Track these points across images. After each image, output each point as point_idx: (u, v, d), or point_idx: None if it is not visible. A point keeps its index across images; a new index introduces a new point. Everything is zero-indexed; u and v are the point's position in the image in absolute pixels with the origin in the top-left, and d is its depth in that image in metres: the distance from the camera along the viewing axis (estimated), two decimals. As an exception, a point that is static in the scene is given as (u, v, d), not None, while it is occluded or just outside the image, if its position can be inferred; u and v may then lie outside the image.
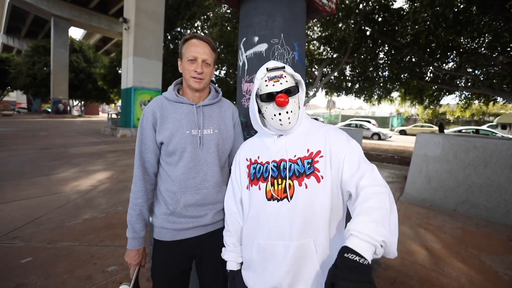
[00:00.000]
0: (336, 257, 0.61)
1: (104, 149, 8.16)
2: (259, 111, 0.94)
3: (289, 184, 0.82)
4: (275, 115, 0.86)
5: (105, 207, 3.38)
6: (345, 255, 0.59)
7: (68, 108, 28.99)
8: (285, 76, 0.87)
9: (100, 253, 2.28)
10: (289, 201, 0.81)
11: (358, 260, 0.57)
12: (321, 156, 0.83)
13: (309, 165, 0.82)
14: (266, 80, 0.88)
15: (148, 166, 1.02)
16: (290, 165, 0.84)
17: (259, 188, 0.87)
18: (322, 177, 0.80)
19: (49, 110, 30.72)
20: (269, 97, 0.86)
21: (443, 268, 2.22)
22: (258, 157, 0.92)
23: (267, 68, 0.89)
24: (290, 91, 0.86)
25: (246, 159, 0.96)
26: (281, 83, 0.86)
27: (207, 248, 1.08)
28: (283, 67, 0.88)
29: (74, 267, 2.06)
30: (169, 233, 1.03)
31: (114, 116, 16.93)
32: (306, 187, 0.80)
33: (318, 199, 0.80)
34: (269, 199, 0.84)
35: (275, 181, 0.84)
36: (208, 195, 1.04)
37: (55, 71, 25.63)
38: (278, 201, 0.82)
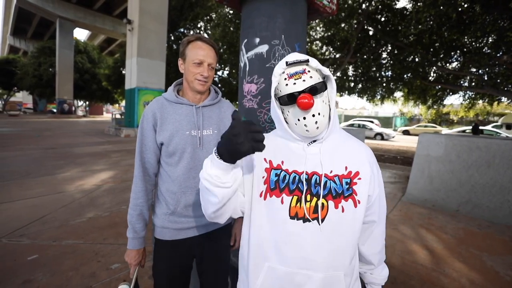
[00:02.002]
0: None
1: (108, 149, 8.24)
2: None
3: (322, 203, 0.70)
4: (299, 119, 0.70)
5: (109, 206, 3.43)
6: None
7: (73, 108, 29.28)
8: (308, 71, 0.70)
9: (104, 251, 2.32)
10: (319, 224, 0.69)
11: None
12: (359, 178, 0.73)
13: (348, 186, 0.71)
14: (285, 78, 0.71)
15: (148, 167, 1.04)
16: (326, 181, 0.71)
17: (282, 202, 0.71)
18: (359, 202, 0.71)
19: (55, 110, 31.08)
20: (291, 99, 0.70)
21: (444, 268, 2.22)
22: (282, 162, 0.75)
23: (286, 62, 0.71)
24: (316, 89, 0.69)
25: (265, 160, 0.77)
26: (304, 80, 0.69)
27: (208, 247, 1.10)
28: (307, 60, 0.71)
29: (79, 265, 2.10)
30: (170, 232, 1.05)
31: (118, 116, 17.02)
32: (343, 211, 0.70)
33: (353, 226, 0.71)
34: (292, 217, 0.70)
35: (303, 196, 0.70)
36: None
37: (60, 72, 25.93)
38: (304, 222, 0.69)
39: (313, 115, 0.69)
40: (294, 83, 0.70)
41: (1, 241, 2.44)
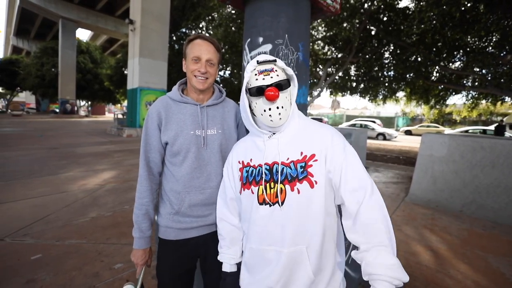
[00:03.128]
0: None
1: (111, 149, 8.26)
2: (250, 108, 0.89)
3: (281, 188, 0.79)
4: (265, 110, 0.81)
5: (112, 206, 3.44)
6: None
7: (75, 109, 29.43)
8: (276, 70, 0.83)
9: (107, 251, 2.32)
10: (280, 206, 0.79)
11: None
12: (315, 160, 0.79)
13: (302, 169, 0.79)
14: (256, 74, 0.83)
15: (153, 166, 1.04)
16: (283, 168, 0.80)
17: (252, 192, 0.84)
18: (316, 182, 0.77)
19: (57, 110, 31.27)
20: (259, 91, 0.81)
21: (448, 270, 2.20)
22: (251, 160, 0.88)
23: (257, 61, 0.83)
24: (281, 85, 0.81)
25: (239, 162, 0.92)
26: (271, 77, 0.81)
27: (212, 247, 1.09)
28: (274, 60, 0.84)
29: (82, 264, 2.11)
30: (174, 232, 1.04)
31: (120, 116, 17.10)
32: (299, 192, 0.77)
33: (311, 205, 0.77)
34: (261, 204, 0.82)
35: (268, 184, 0.81)
36: (212, 195, 1.05)
37: (63, 72, 26.07)
38: (270, 206, 0.80)
39: (277, 107, 0.80)
40: (263, 78, 0.81)
41: (4, 240, 2.45)
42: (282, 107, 0.80)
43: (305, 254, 0.77)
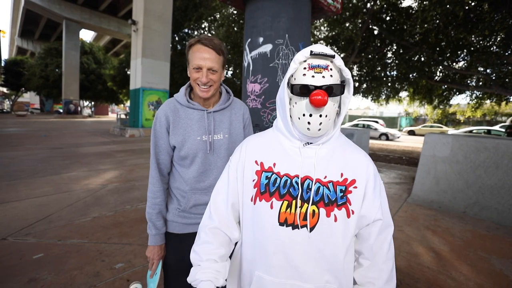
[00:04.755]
0: None
1: (113, 149, 8.31)
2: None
3: (313, 210, 0.65)
4: (304, 115, 0.66)
5: (113, 206, 3.45)
6: None
7: (79, 109, 29.65)
8: (331, 69, 0.66)
9: (108, 251, 2.33)
10: (309, 232, 0.65)
11: None
12: (355, 187, 0.69)
13: (342, 194, 0.67)
14: (305, 68, 0.66)
15: (163, 167, 1.07)
16: (319, 187, 0.67)
17: (271, 207, 0.68)
18: (353, 212, 0.67)
19: (61, 110, 31.54)
20: (304, 92, 0.65)
21: (450, 271, 2.18)
22: (274, 165, 0.72)
23: (311, 51, 0.65)
24: (333, 90, 0.64)
25: (256, 162, 0.75)
26: (323, 76, 0.64)
27: None
28: (333, 56, 0.65)
29: (83, 264, 2.12)
30: (179, 226, 1.08)
31: (123, 116, 17.22)
32: (336, 220, 0.65)
33: (345, 238, 0.67)
34: (281, 224, 0.66)
35: (294, 202, 0.67)
36: None
37: (67, 73, 26.29)
38: (293, 229, 0.66)
39: (320, 116, 0.65)
40: (313, 76, 0.65)
41: (7, 239, 2.47)
42: (326, 116, 0.65)
43: None
